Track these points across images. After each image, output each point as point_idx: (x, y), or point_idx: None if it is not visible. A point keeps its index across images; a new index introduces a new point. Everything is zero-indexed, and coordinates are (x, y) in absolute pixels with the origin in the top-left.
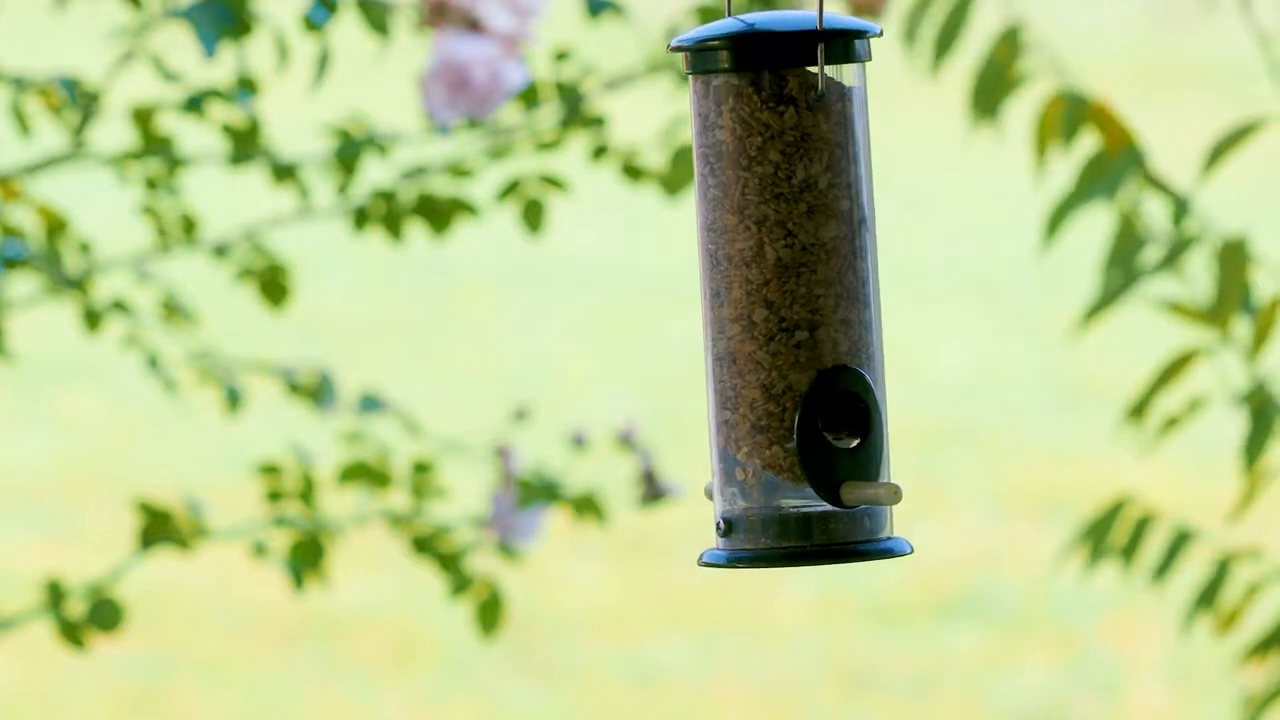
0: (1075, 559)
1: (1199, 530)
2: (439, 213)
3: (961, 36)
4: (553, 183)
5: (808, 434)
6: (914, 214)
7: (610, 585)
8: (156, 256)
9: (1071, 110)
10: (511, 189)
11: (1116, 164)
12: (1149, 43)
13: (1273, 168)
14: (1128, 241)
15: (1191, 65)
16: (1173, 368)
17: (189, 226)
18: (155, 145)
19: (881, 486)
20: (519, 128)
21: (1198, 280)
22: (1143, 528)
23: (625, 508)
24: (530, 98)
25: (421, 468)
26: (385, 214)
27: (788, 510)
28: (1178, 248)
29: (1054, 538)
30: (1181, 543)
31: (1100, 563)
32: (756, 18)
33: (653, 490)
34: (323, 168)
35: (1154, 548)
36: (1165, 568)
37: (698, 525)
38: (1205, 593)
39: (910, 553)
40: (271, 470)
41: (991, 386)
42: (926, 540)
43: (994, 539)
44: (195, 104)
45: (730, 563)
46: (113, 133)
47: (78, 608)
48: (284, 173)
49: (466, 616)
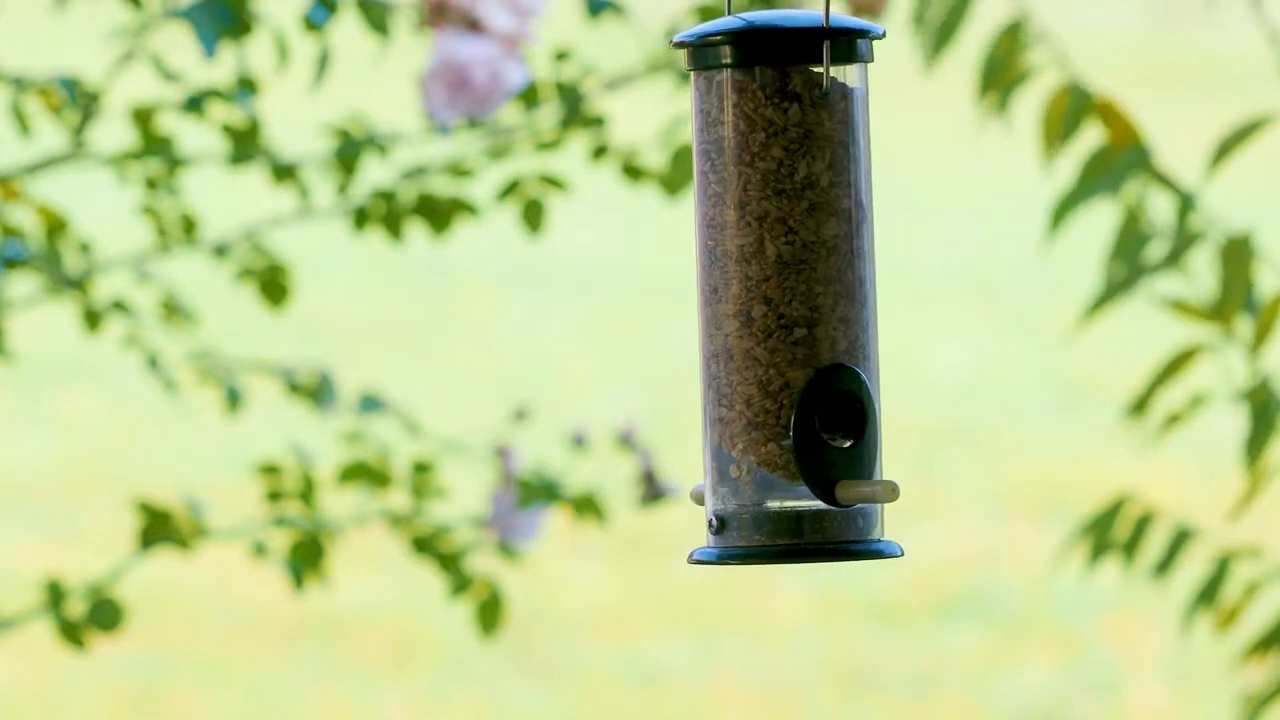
0: (1075, 558)
1: (1199, 529)
2: (439, 213)
3: (961, 29)
4: (553, 183)
5: (804, 431)
6: (914, 213)
7: (610, 585)
8: (156, 256)
9: (1076, 105)
10: (511, 189)
11: (1122, 160)
12: (1150, 41)
13: (1276, 166)
14: (1132, 237)
15: (1192, 64)
16: (1174, 364)
17: (189, 226)
18: (155, 145)
19: (878, 484)
20: (519, 128)
21: (1200, 277)
22: (1143, 526)
23: (625, 508)
24: (530, 98)
25: (421, 468)
26: (385, 214)
27: (781, 508)
28: (1181, 244)
29: (1054, 538)
30: (1182, 541)
31: (1100, 561)
32: (759, 15)
33: (653, 490)
34: (323, 168)
35: (1154, 546)
36: (1166, 566)
37: (697, 525)
38: (1205, 591)
39: (901, 555)
40: (271, 470)
41: (991, 386)
42: (926, 540)
43: (994, 539)
44: (195, 104)
45: (722, 560)
46: (113, 133)
47: (78, 608)
48: (284, 173)
49: (466, 616)
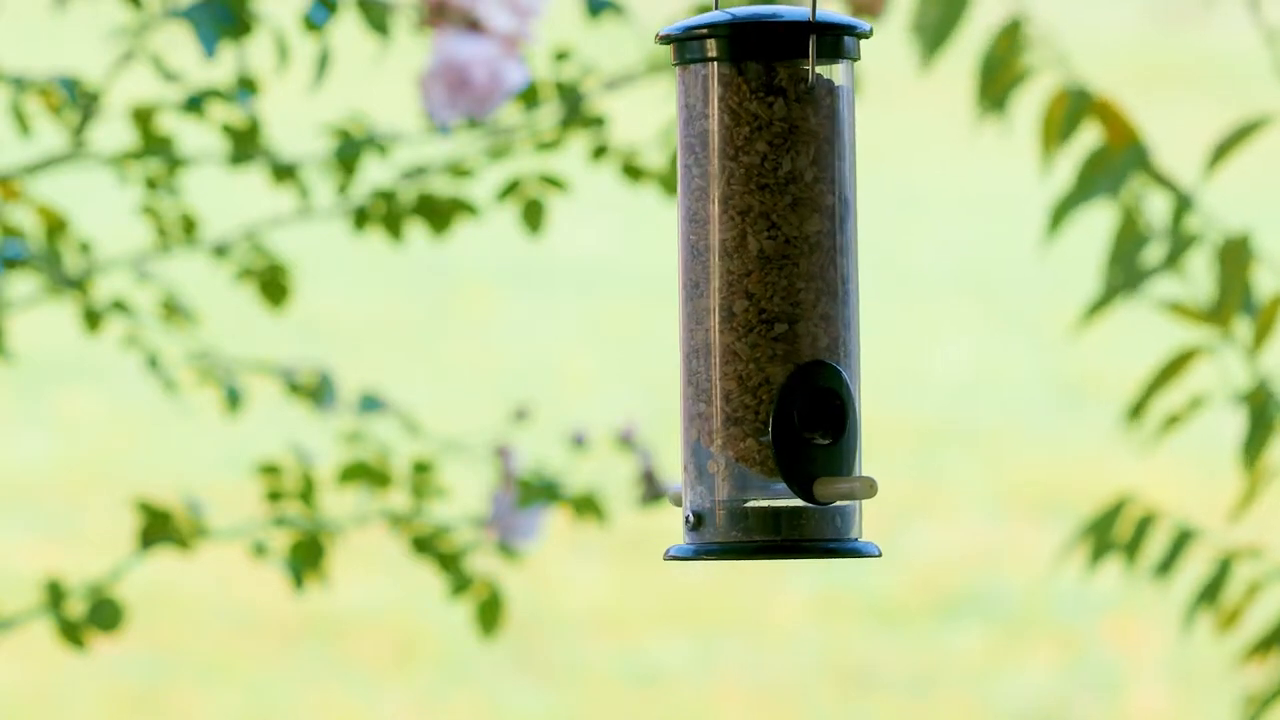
0: (1076, 558)
1: (1200, 529)
2: (439, 213)
3: (958, 29)
4: (553, 183)
5: (783, 428)
6: (914, 214)
7: (610, 585)
8: (156, 256)
9: (1075, 105)
10: (511, 189)
11: (1120, 160)
12: (1149, 42)
13: (1275, 166)
14: (1130, 239)
15: (1191, 64)
16: (1172, 366)
17: (189, 226)
18: (155, 145)
19: (856, 480)
20: (519, 128)
21: (1199, 279)
22: (1144, 527)
23: (625, 508)
24: (530, 98)
25: (421, 468)
26: (385, 214)
27: (758, 505)
28: (1179, 246)
29: (1054, 538)
30: (1183, 542)
31: (1101, 562)
32: (745, 10)
33: (653, 490)
34: (323, 168)
35: (1155, 547)
36: (1167, 567)
37: None
38: (1206, 592)
39: (878, 555)
40: (271, 470)
41: (991, 386)
42: (926, 540)
43: (994, 539)
44: (195, 104)
45: (698, 555)
46: (113, 133)
47: (78, 608)
48: (284, 173)
49: (466, 616)
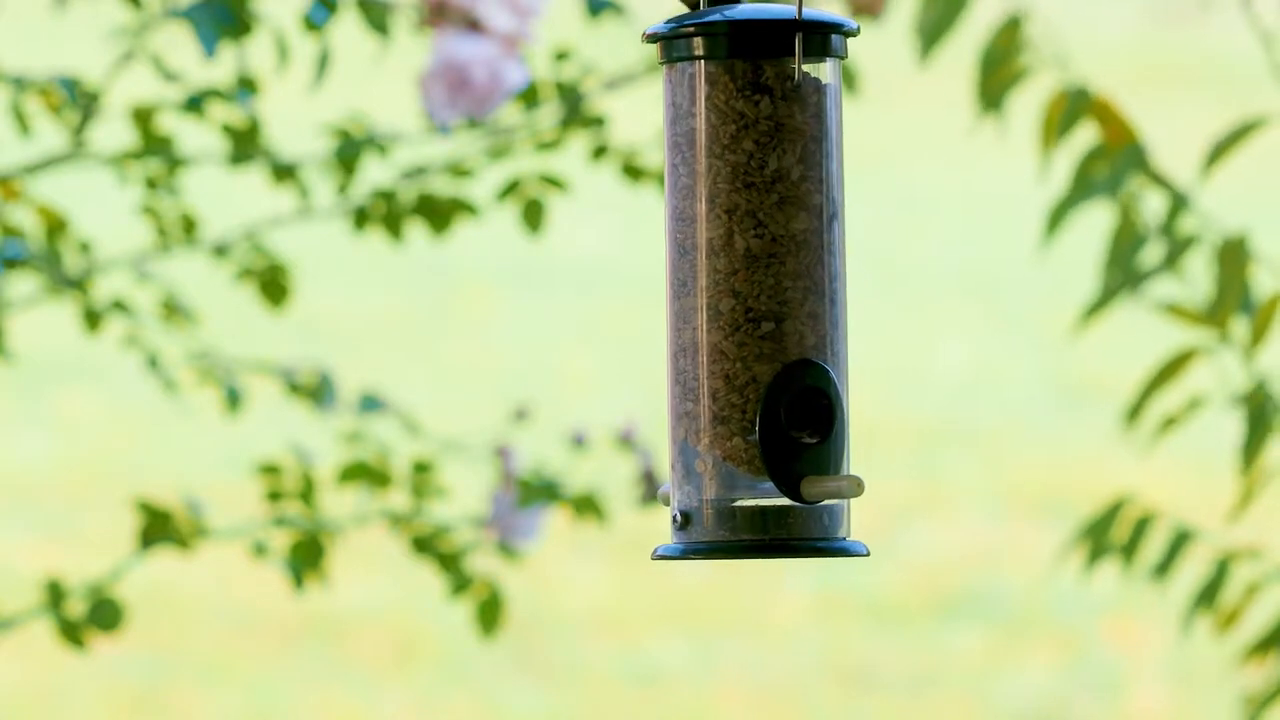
0: (1075, 559)
1: (1199, 530)
2: (439, 213)
3: (956, 26)
4: (553, 183)
5: (770, 426)
6: (913, 214)
7: (610, 585)
8: (156, 256)
9: (1074, 105)
10: (511, 189)
11: (1119, 160)
12: (1148, 42)
13: (1272, 167)
14: (1128, 239)
15: (1190, 65)
16: (1170, 367)
17: (189, 226)
18: (155, 145)
19: (844, 479)
20: (519, 128)
21: (1197, 280)
22: (1142, 527)
23: (625, 508)
24: (530, 98)
25: (421, 468)
26: (385, 214)
27: (746, 504)
28: (1177, 247)
29: (1054, 538)
30: (1181, 542)
31: (1100, 562)
32: (731, 8)
33: (653, 490)
34: (323, 168)
35: (1154, 547)
36: (1165, 567)
37: None
38: (1205, 592)
39: (866, 554)
40: (271, 470)
41: (991, 386)
42: (926, 540)
43: (994, 539)
44: (195, 104)
45: (685, 555)
46: (113, 133)
47: (78, 608)
48: (284, 173)
49: (466, 616)
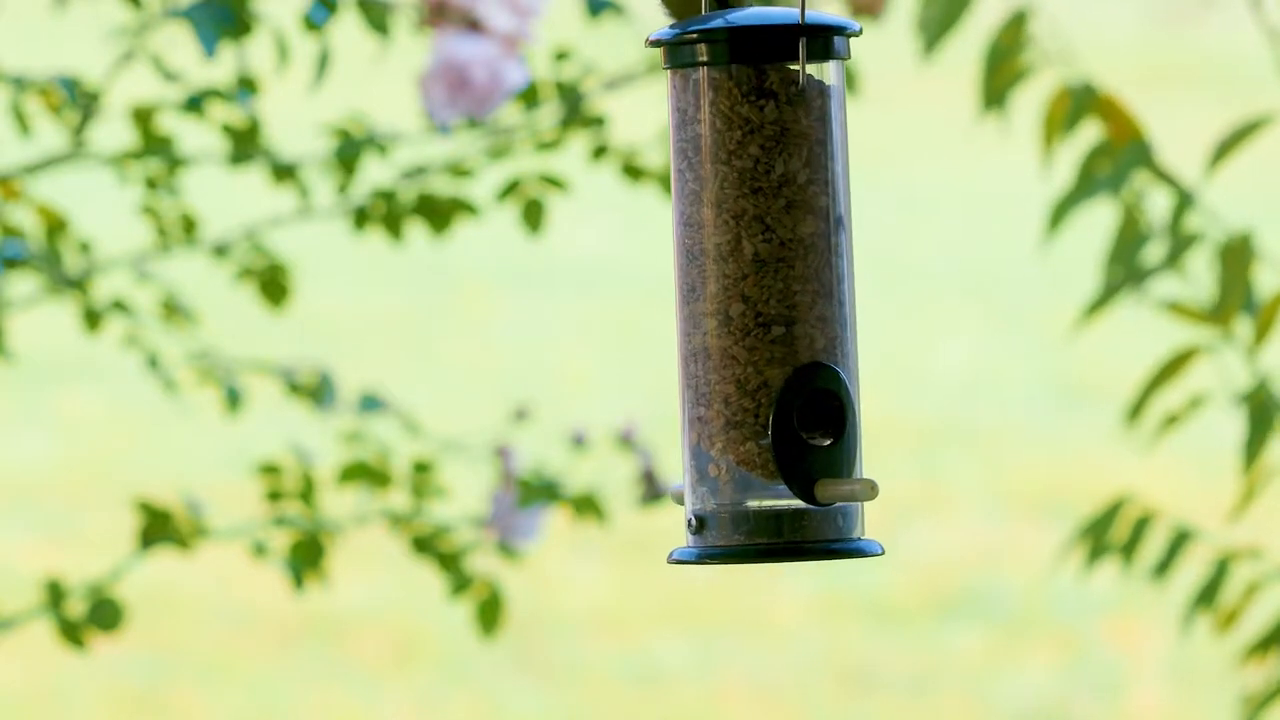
0: (1075, 558)
1: (1199, 529)
2: (439, 213)
3: (962, 21)
4: (553, 183)
5: (783, 430)
6: (913, 214)
7: (610, 585)
8: (156, 256)
9: (1078, 101)
10: (511, 189)
11: (1123, 157)
12: (1150, 41)
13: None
14: (1130, 237)
15: (1193, 64)
16: (1171, 365)
17: (189, 226)
18: (155, 145)
19: (857, 482)
20: (519, 128)
21: (1199, 278)
22: (1142, 527)
23: (625, 508)
24: (530, 98)
25: (421, 468)
26: (385, 214)
27: (760, 507)
28: (1180, 245)
29: (1054, 538)
30: (1181, 542)
31: (1099, 562)
32: (735, 13)
33: (652, 490)
34: (323, 168)
35: (1154, 547)
36: (1165, 567)
37: None
38: (1205, 592)
39: (881, 553)
40: (271, 470)
41: (991, 386)
42: (926, 540)
43: (994, 539)
44: (195, 104)
45: (701, 559)
46: (113, 133)
47: (78, 608)
48: (284, 173)
49: (466, 616)
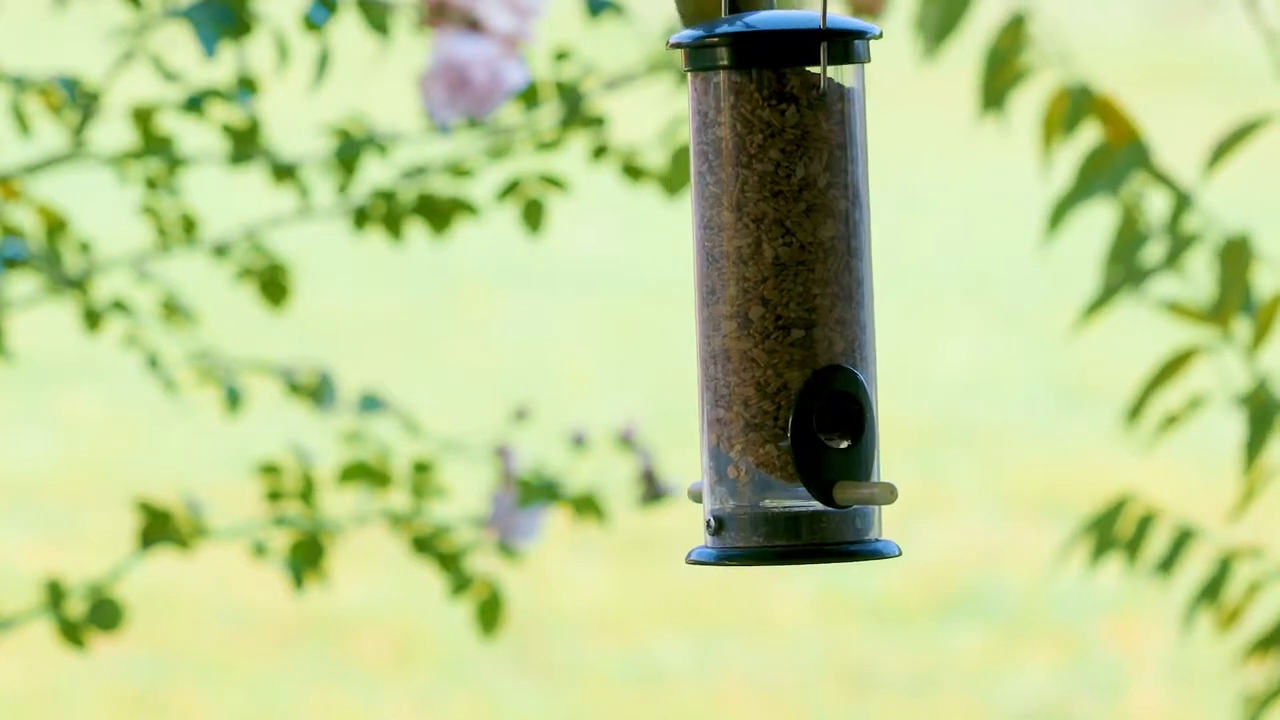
0: (1076, 557)
1: (1200, 529)
2: (439, 213)
3: (964, 21)
4: (553, 183)
5: (802, 433)
6: (914, 214)
7: (610, 585)
8: (156, 256)
9: (1076, 103)
10: (511, 189)
11: (1121, 158)
12: (1150, 42)
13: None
14: (1129, 238)
15: (1192, 65)
16: (1171, 365)
17: (189, 226)
18: (155, 145)
19: (876, 486)
20: (519, 128)
21: (1199, 279)
22: (1144, 526)
23: (625, 508)
24: (530, 98)
25: (421, 468)
26: (385, 214)
27: (779, 509)
28: (1179, 246)
29: (1054, 538)
30: (1183, 541)
31: (1102, 560)
32: (756, 17)
33: (653, 490)
34: (323, 168)
35: (1156, 546)
36: (1167, 566)
37: (698, 525)
38: (1206, 591)
39: (899, 555)
40: (271, 470)
41: (991, 386)
42: (926, 540)
43: (994, 539)
44: (195, 104)
45: (720, 560)
46: (113, 133)
47: (78, 608)
48: (284, 173)
49: (466, 616)
